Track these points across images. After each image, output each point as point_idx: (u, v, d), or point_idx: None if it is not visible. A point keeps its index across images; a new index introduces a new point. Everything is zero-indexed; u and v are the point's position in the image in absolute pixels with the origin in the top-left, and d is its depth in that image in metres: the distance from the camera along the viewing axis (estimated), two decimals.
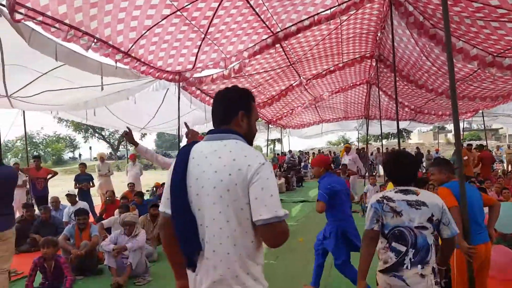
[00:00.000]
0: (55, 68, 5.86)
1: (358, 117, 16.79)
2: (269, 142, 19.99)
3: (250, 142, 1.67)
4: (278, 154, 24.14)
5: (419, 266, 2.14)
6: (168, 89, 7.54)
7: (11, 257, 3.65)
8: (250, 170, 1.45)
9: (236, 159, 1.48)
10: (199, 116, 10.04)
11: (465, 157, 9.61)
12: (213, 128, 1.68)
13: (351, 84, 12.94)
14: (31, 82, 6.37)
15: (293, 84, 10.52)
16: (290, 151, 21.46)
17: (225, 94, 1.70)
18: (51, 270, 4.16)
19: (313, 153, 26.04)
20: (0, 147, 3.80)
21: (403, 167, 2.37)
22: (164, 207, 1.62)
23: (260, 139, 22.23)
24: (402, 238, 2.19)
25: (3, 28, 4.12)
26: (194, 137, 3.13)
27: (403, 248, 2.17)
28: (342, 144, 49.00)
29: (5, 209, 3.61)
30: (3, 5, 3.77)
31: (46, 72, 6.10)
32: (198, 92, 8.26)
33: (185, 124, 3.51)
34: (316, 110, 15.93)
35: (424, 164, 20.00)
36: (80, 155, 51.98)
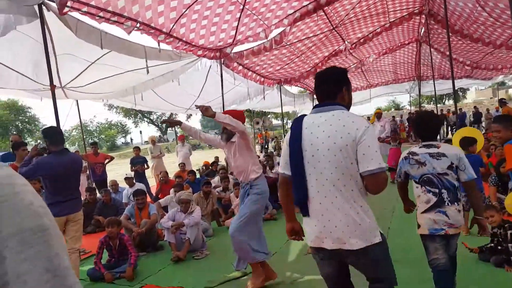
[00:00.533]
0: (102, 56, 6.03)
1: (408, 78, 15.79)
2: None
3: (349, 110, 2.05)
4: None
5: (456, 203, 2.58)
6: (210, 66, 7.49)
7: (81, 237, 3.91)
8: (358, 132, 1.83)
9: (345, 125, 1.86)
10: (242, 92, 9.98)
11: None
12: (315, 106, 2.09)
13: (399, 44, 12.14)
14: (81, 72, 6.63)
15: (337, 50, 10.05)
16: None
17: (330, 75, 2.08)
18: (116, 247, 4.39)
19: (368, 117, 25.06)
20: (62, 135, 3.97)
21: (425, 126, 2.76)
22: (283, 169, 2.09)
23: (304, 111, 21.89)
24: (432, 183, 2.62)
25: (51, 21, 4.26)
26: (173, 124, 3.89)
27: (436, 190, 2.60)
28: (393, 109, 46.98)
29: (75, 193, 3.87)
30: (52, 0, 3.89)
31: (94, 61, 6.31)
32: (240, 67, 8.18)
33: (167, 120, 4.20)
34: (363, 74, 15.18)
35: (483, 124, 18.68)
36: (131, 139, 54.43)
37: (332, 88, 2.03)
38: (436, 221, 2.58)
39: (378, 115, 10.21)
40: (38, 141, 37.86)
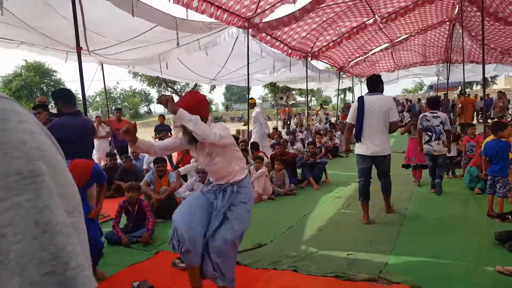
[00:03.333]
0: (134, 37, 6.04)
1: (437, 61, 15.28)
2: (339, 92, 19.09)
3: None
4: (349, 103, 23.15)
5: (437, 140, 5.57)
6: (237, 37, 7.36)
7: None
8: (390, 105, 4.53)
9: (385, 101, 4.54)
10: (268, 64, 9.77)
11: None
12: (369, 90, 4.73)
13: (431, 24, 11.60)
14: (110, 47, 6.68)
15: (366, 22, 9.68)
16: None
17: (375, 78, 4.74)
18: (134, 212, 4.47)
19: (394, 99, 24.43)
20: (85, 99, 3.98)
21: (432, 103, 5.98)
22: (351, 120, 4.64)
23: (329, 88, 21.39)
24: (430, 130, 5.62)
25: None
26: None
27: (430, 134, 5.63)
28: (419, 91, 45.59)
29: (89, 155, 3.91)
30: None
31: (126, 40, 6.33)
32: (268, 38, 8.00)
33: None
34: (391, 55, 14.72)
35: (510, 111, 18.00)
36: (150, 110, 54.70)
37: (376, 85, 4.69)
38: (427, 149, 5.71)
39: None
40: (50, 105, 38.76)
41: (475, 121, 16.31)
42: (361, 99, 4.62)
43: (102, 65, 8.89)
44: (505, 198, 4.37)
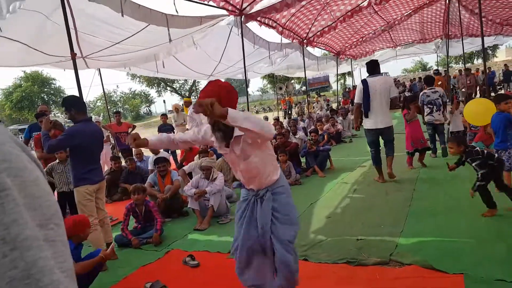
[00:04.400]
0: (126, 39, 6.00)
1: (436, 37, 15.11)
2: (338, 77, 18.95)
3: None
4: (349, 88, 23.00)
5: (438, 111, 6.56)
6: (231, 29, 7.30)
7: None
8: (390, 83, 5.47)
9: (387, 81, 5.47)
10: (264, 55, 9.71)
11: None
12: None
13: (427, 2, 11.44)
14: (104, 49, 6.64)
15: (360, 5, 9.57)
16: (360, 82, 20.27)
17: (375, 63, 5.64)
18: (142, 214, 4.49)
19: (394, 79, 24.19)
20: (85, 105, 3.99)
21: (428, 81, 6.98)
22: (358, 100, 5.52)
23: (328, 74, 21.29)
24: (431, 103, 6.57)
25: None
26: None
27: (431, 106, 6.58)
28: (420, 70, 45.22)
29: (99, 161, 3.99)
30: None
31: (118, 42, 6.29)
32: (261, 25, 7.93)
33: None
34: (389, 33, 14.58)
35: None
36: (150, 111, 54.44)
37: (375, 67, 5.52)
38: (429, 119, 6.53)
39: None
40: (56, 113, 38.81)
41: (478, 95, 16.19)
42: (364, 81, 5.43)
43: (99, 70, 8.87)
44: (511, 171, 4.32)
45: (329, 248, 3.54)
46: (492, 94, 13.15)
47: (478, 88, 17.85)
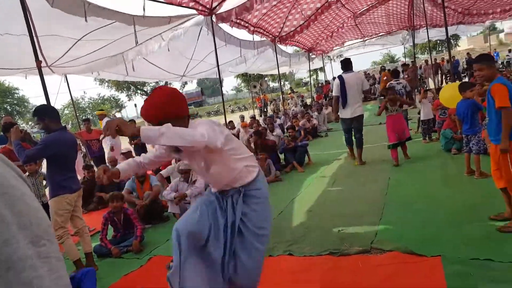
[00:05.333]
0: (89, 33, 5.80)
1: (402, 28, 15.62)
2: (311, 73, 19.17)
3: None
4: (321, 83, 23.29)
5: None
6: (201, 28, 7.25)
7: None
8: (362, 78, 6.50)
9: (358, 76, 6.52)
10: (236, 53, 9.67)
11: None
12: (343, 70, 6.42)
13: None
14: (68, 51, 6.41)
15: (330, 1, 9.73)
16: (334, 78, 20.54)
17: (348, 60, 6.45)
18: (121, 222, 4.40)
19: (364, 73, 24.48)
20: (58, 113, 3.87)
21: (394, 73, 8.55)
22: (336, 93, 6.29)
23: (301, 70, 21.45)
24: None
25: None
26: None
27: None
28: (388, 62, 46.35)
29: (75, 171, 3.89)
30: None
31: (81, 38, 6.07)
32: (233, 23, 7.92)
33: None
34: (357, 28, 14.94)
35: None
36: (114, 116, 53.16)
37: (349, 65, 6.33)
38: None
39: None
40: (29, 123, 37.40)
41: (444, 84, 16.79)
42: (340, 77, 6.26)
43: (66, 76, 8.61)
44: (480, 154, 4.51)
45: (312, 241, 3.59)
46: (457, 81, 13.64)
47: (444, 77, 18.52)
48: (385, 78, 13.56)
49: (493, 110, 3.07)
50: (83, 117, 38.01)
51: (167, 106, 1.93)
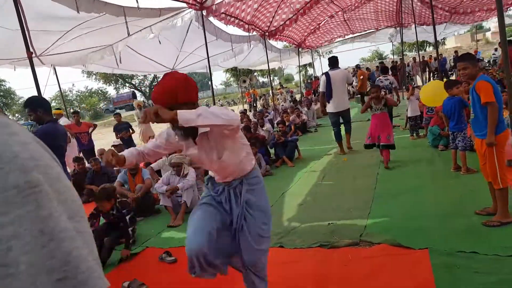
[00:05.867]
0: (78, 25, 5.75)
1: (390, 25, 15.73)
2: (300, 68, 19.23)
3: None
4: (311, 79, 23.38)
5: (390, 94, 8.03)
6: (191, 21, 7.22)
7: None
8: (346, 74, 7.16)
9: (343, 72, 7.08)
10: (226, 48, 9.66)
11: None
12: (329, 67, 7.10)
13: None
14: (57, 40, 6.34)
15: None
16: (322, 75, 20.63)
17: (334, 58, 7.01)
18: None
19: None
20: (50, 105, 3.84)
21: (382, 69, 9.42)
22: (323, 88, 6.89)
23: (290, 66, 21.50)
24: (385, 87, 8.05)
25: None
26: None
27: (385, 90, 7.87)
28: (377, 59, 46.75)
29: (65, 164, 3.91)
30: None
31: (71, 29, 6.01)
32: (223, 16, 7.90)
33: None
34: (346, 23, 14.99)
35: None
36: (103, 109, 52.13)
37: (335, 62, 6.94)
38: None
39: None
40: (16, 115, 36.75)
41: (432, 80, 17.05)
42: (327, 74, 6.86)
43: (54, 68, 8.49)
44: (466, 151, 4.64)
45: (303, 233, 3.66)
46: (445, 79, 13.85)
47: (431, 74, 18.80)
48: (361, 77, 13.72)
49: (478, 106, 3.17)
50: (71, 109, 37.53)
51: (179, 91, 1.92)
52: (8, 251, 0.46)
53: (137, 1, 5.11)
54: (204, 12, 6.92)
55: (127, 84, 44.25)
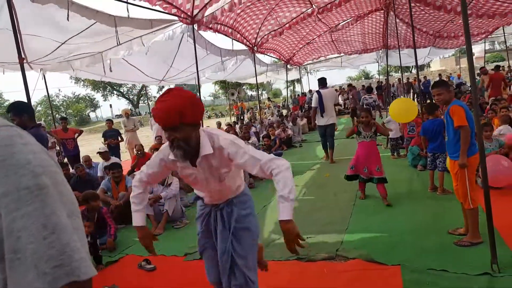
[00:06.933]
0: (72, 37, 5.83)
1: (376, 48, 16.17)
2: (288, 84, 19.52)
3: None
4: (298, 95, 23.71)
5: (373, 111, 8.92)
6: (183, 35, 7.34)
7: None
8: (335, 94, 8.49)
9: (333, 92, 8.20)
10: (216, 61, 9.80)
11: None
12: (320, 86, 7.97)
13: (367, 12, 12.23)
14: (50, 53, 6.38)
15: (305, 13, 10.10)
16: (310, 91, 21.00)
17: (324, 79, 8.01)
18: (94, 220, 4.40)
19: (336, 90, 25.11)
20: (32, 109, 3.86)
21: (367, 89, 10.82)
22: (315, 104, 7.73)
23: (278, 81, 21.86)
24: (369, 105, 9.13)
25: None
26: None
27: (368, 107, 7.49)
28: (363, 78, 47.72)
29: None
30: None
31: (65, 42, 6.08)
32: (214, 25, 8.07)
33: None
34: (334, 44, 15.35)
35: None
36: (90, 116, 51.75)
37: (325, 82, 7.92)
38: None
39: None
40: None
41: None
42: (319, 92, 7.73)
43: (43, 74, 8.49)
44: (444, 172, 4.78)
45: (282, 246, 3.67)
46: (405, 97, 14.30)
47: (415, 96, 19.31)
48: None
49: (451, 129, 3.35)
50: (57, 115, 37.07)
51: (186, 111, 1.78)
52: (18, 240, 0.57)
53: (127, 10, 5.19)
54: (195, 26, 7.04)
55: (115, 92, 44.06)
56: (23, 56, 4.09)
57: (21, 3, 4.25)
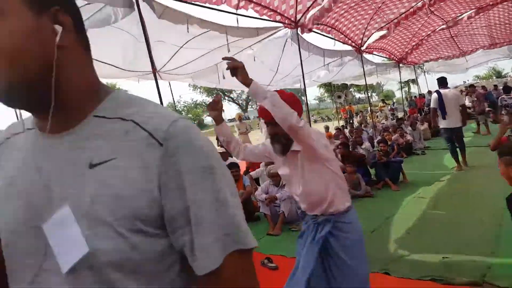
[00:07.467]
0: (188, 41, 6.36)
1: (508, 41, 13.60)
2: (402, 85, 18.05)
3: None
4: (414, 96, 21.91)
5: None
6: (286, 40, 7.42)
7: None
8: (458, 94, 7.23)
9: (454, 92, 7.15)
10: (319, 60, 9.58)
11: None
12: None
13: (491, 3, 10.27)
14: (172, 57, 7.02)
15: (415, 7, 9.23)
16: (429, 92, 18.86)
17: (443, 79, 7.19)
18: None
19: (461, 90, 22.08)
20: None
21: (506, 88, 9.51)
22: (434, 105, 6.98)
23: (390, 82, 20.35)
24: (508, 106, 8.59)
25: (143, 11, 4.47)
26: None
27: (508, 108, 8.42)
28: (494, 77, 41.96)
29: None
30: None
31: (182, 45, 6.64)
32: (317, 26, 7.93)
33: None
34: (453, 40, 13.59)
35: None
36: (204, 120, 55.45)
37: (444, 82, 7.11)
38: None
39: None
40: None
41: None
42: (439, 92, 6.97)
43: (169, 82, 9.42)
44: None
45: (412, 263, 3.37)
46: None
47: None
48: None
49: None
50: None
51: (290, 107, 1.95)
52: (199, 208, 0.68)
53: (237, 22, 5.69)
54: (299, 30, 7.03)
55: (226, 98, 46.89)
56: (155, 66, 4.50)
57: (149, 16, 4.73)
